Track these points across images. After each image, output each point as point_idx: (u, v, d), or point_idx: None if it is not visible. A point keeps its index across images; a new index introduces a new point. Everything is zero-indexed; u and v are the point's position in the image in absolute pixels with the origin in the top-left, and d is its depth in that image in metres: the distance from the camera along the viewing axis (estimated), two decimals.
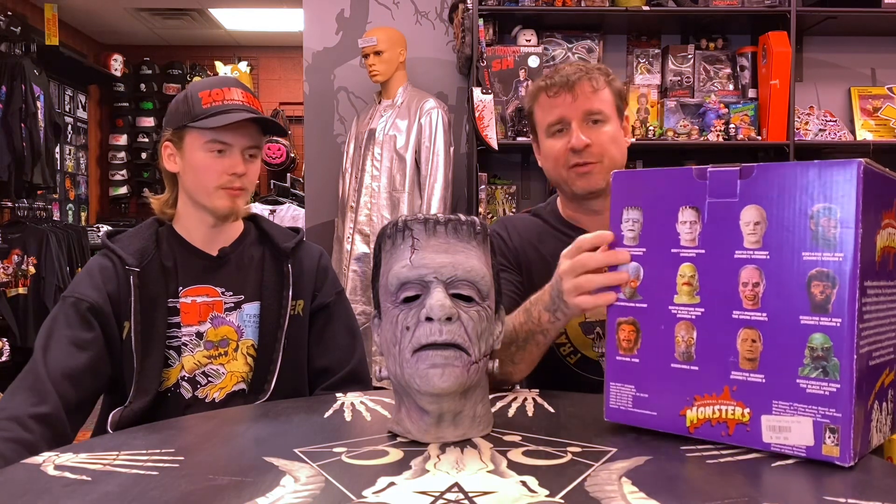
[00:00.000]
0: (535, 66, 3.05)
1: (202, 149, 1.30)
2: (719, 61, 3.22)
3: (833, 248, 0.77)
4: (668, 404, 0.89)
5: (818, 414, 0.79)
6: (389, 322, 0.88)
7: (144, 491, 0.73)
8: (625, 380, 0.92)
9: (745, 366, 0.83)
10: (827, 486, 0.75)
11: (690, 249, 0.87)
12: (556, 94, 1.34)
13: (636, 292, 0.92)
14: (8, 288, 4.38)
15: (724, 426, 0.85)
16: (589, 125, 1.34)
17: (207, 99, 1.30)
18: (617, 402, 0.93)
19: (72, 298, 1.26)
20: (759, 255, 0.82)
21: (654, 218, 0.90)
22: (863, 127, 3.18)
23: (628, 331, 0.92)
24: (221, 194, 1.31)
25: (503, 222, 1.49)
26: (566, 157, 1.34)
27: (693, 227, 0.87)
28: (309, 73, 3.36)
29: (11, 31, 4.71)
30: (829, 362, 0.78)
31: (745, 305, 0.83)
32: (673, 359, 0.88)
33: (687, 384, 0.87)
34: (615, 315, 0.94)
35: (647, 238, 0.91)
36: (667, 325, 0.89)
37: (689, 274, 0.87)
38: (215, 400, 1.31)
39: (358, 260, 2.95)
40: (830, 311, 0.78)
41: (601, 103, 1.34)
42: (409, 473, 0.77)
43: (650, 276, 0.91)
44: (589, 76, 1.34)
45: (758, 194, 0.83)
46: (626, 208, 0.93)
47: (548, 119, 1.36)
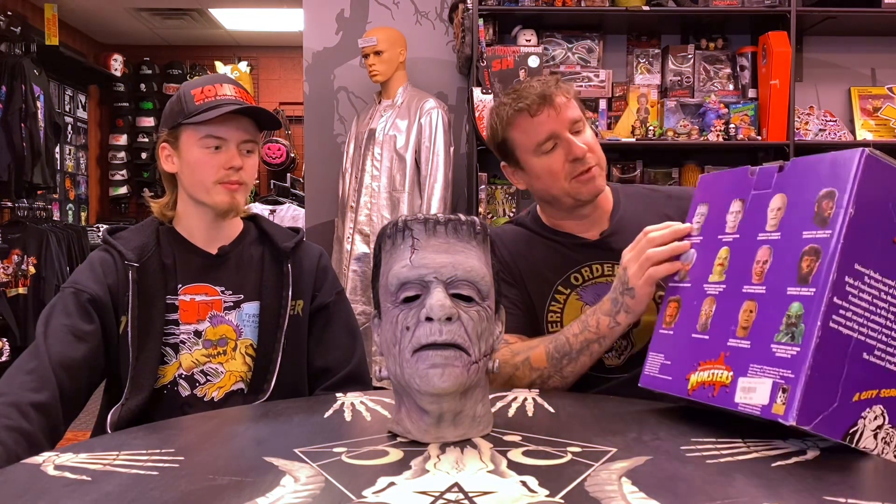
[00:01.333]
0: (535, 66, 3.05)
1: (197, 145, 1.30)
2: (719, 61, 3.22)
3: (826, 226, 0.83)
4: (680, 370, 0.98)
5: (778, 375, 0.84)
6: (389, 322, 0.88)
7: (144, 491, 0.73)
8: (660, 349, 1.03)
9: (740, 333, 0.90)
10: (827, 486, 0.75)
11: (730, 235, 0.98)
12: (538, 111, 1.32)
13: (687, 274, 1.04)
14: (8, 288, 4.38)
15: (712, 388, 0.92)
16: (574, 134, 1.33)
17: (200, 96, 1.30)
18: (650, 370, 1.04)
19: (72, 289, 1.26)
20: (774, 237, 0.91)
21: (715, 211, 1.03)
22: (863, 127, 3.18)
23: (673, 307, 1.04)
24: (220, 189, 1.31)
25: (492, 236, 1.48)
26: (566, 169, 1.33)
27: (737, 216, 0.98)
28: (309, 73, 3.36)
29: (11, 31, 4.71)
30: (797, 328, 0.83)
31: (753, 280, 0.91)
32: (694, 329, 0.98)
33: (697, 351, 0.96)
34: (669, 294, 1.06)
35: (705, 228, 1.04)
36: (699, 301, 0.99)
37: (724, 256, 0.98)
38: (214, 399, 1.31)
39: (358, 260, 2.95)
40: (810, 283, 0.83)
41: (575, 110, 1.35)
42: (409, 473, 0.77)
43: (699, 260, 1.03)
44: (557, 87, 1.34)
45: (786, 184, 0.92)
46: (699, 204, 1.07)
47: (535, 139, 1.33)
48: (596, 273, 1.38)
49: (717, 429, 0.94)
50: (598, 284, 1.37)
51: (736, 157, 3.23)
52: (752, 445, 0.86)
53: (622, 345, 1.34)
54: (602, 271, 1.37)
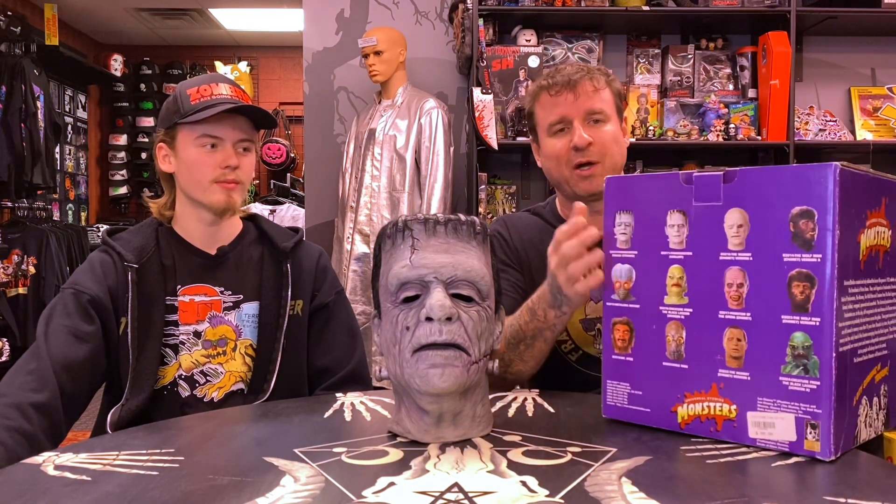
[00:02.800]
0: (535, 66, 3.05)
1: (194, 144, 1.30)
2: (719, 61, 3.22)
3: (811, 249, 0.80)
4: (660, 401, 0.92)
5: (800, 410, 0.82)
6: (389, 322, 0.88)
7: (144, 491, 0.73)
8: (620, 378, 0.96)
9: (732, 364, 0.86)
10: (827, 486, 0.75)
11: (678, 252, 0.90)
12: (558, 93, 1.34)
13: (629, 293, 0.95)
14: (8, 288, 4.38)
15: (713, 422, 0.88)
16: (590, 124, 1.34)
17: (195, 95, 1.30)
18: (613, 399, 0.97)
19: (72, 290, 1.26)
20: (743, 257, 0.85)
21: (645, 222, 0.94)
22: (863, 127, 3.18)
23: (623, 330, 0.96)
24: (216, 189, 1.31)
25: (503, 221, 1.49)
26: (568, 155, 1.34)
27: (681, 230, 0.90)
28: (309, 73, 3.36)
29: (11, 31, 4.71)
30: (809, 360, 0.80)
31: (730, 305, 0.86)
32: (664, 357, 0.92)
33: (678, 382, 0.91)
34: (610, 315, 0.97)
35: (638, 241, 0.95)
36: (658, 325, 0.92)
37: (677, 275, 0.90)
38: (214, 399, 1.31)
39: (358, 260, 2.95)
40: (810, 311, 0.80)
41: (602, 103, 1.35)
42: (409, 473, 0.77)
43: (642, 277, 0.94)
44: (590, 76, 1.35)
45: (740, 197, 0.86)
46: (618, 212, 0.97)
47: (549, 118, 1.37)
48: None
49: None
50: None
51: (736, 157, 3.23)
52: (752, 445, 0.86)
53: None
54: None
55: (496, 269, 0.96)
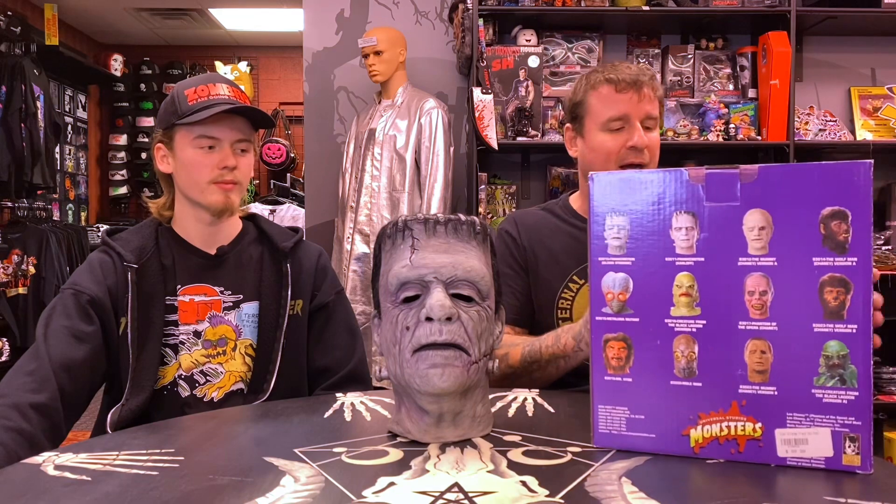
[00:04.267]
0: (535, 66, 3.05)
1: (191, 145, 1.30)
2: (719, 61, 3.22)
3: (845, 252, 0.76)
4: (668, 425, 0.84)
5: (836, 423, 0.77)
6: (389, 322, 0.88)
7: (144, 491, 0.73)
8: (616, 402, 0.86)
9: (755, 378, 0.80)
10: (827, 487, 0.75)
11: (688, 258, 0.82)
12: (624, 90, 1.36)
13: (626, 306, 0.85)
14: (8, 288, 4.38)
15: (734, 443, 0.81)
16: (645, 128, 1.37)
17: (193, 96, 1.30)
18: (608, 426, 0.87)
19: (71, 290, 1.26)
20: (766, 262, 0.79)
21: (643, 225, 0.84)
22: (863, 127, 3.18)
23: (618, 348, 0.86)
24: (214, 189, 1.31)
25: (513, 219, 1.50)
26: (620, 154, 1.36)
27: (690, 233, 0.82)
28: (309, 73, 3.36)
29: (11, 31, 4.71)
30: (845, 370, 0.77)
31: (751, 315, 0.80)
32: (672, 375, 0.83)
33: (690, 402, 0.82)
34: (602, 331, 0.86)
35: (635, 246, 0.85)
36: (663, 340, 0.83)
37: (687, 284, 0.82)
38: (214, 399, 1.31)
39: (358, 260, 2.95)
40: (845, 318, 0.76)
41: (656, 110, 1.39)
42: (409, 473, 0.77)
43: (641, 287, 0.84)
44: (651, 81, 1.38)
45: (761, 197, 0.79)
46: (609, 215, 0.86)
47: (609, 112, 1.37)
48: None
49: None
50: None
51: (736, 157, 3.23)
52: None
53: None
54: None
55: (496, 269, 0.96)
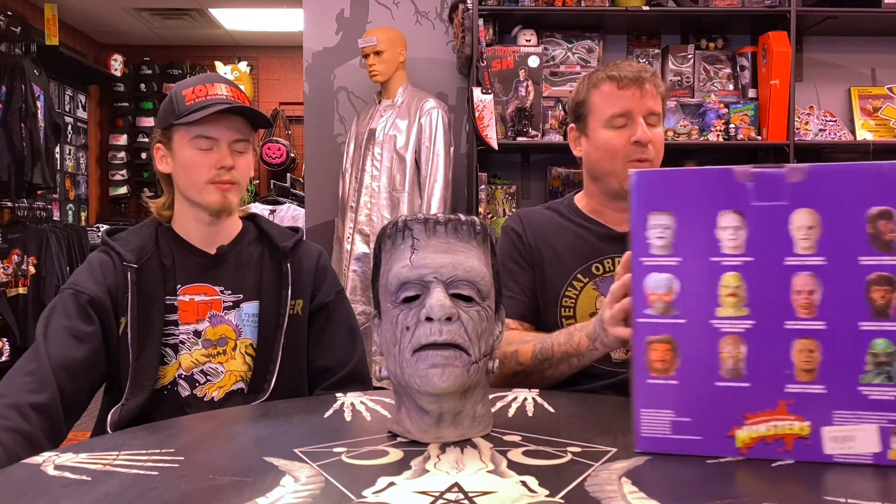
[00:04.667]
0: (535, 66, 3.05)
1: (189, 145, 1.30)
2: (719, 61, 3.22)
3: (892, 251, 0.77)
4: (714, 426, 0.82)
5: (884, 419, 0.78)
6: (389, 322, 0.88)
7: (144, 491, 0.73)
8: (660, 405, 0.84)
9: (803, 377, 0.80)
10: (827, 486, 0.75)
11: (735, 258, 0.81)
12: (626, 87, 1.37)
13: (671, 307, 0.83)
14: (8, 288, 4.38)
15: (781, 443, 0.81)
16: (648, 124, 1.37)
17: (191, 96, 1.30)
18: (651, 430, 0.84)
19: (71, 290, 1.26)
20: (814, 261, 0.79)
21: (689, 223, 0.82)
22: (863, 127, 3.18)
23: (663, 350, 0.83)
24: (211, 189, 1.31)
25: (518, 217, 1.50)
26: (626, 150, 1.37)
27: (737, 232, 0.80)
28: (309, 73, 3.36)
29: (11, 31, 4.70)
30: (892, 367, 0.78)
31: (799, 314, 0.79)
32: (718, 376, 0.82)
33: (736, 402, 0.82)
34: (645, 333, 0.84)
35: (681, 246, 0.82)
36: (709, 341, 0.82)
37: (734, 284, 0.81)
38: (214, 399, 1.31)
39: (358, 260, 2.95)
40: (891, 316, 0.77)
41: (658, 106, 1.39)
42: (409, 473, 0.77)
43: (687, 288, 0.82)
44: (653, 78, 1.39)
45: (810, 197, 0.79)
46: (652, 213, 0.83)
47: (612, 109, 1.38)
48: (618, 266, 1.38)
49: None
50: None
51: (736, 157, 3.23)
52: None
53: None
54: None
55: (496, 269, 0.96)
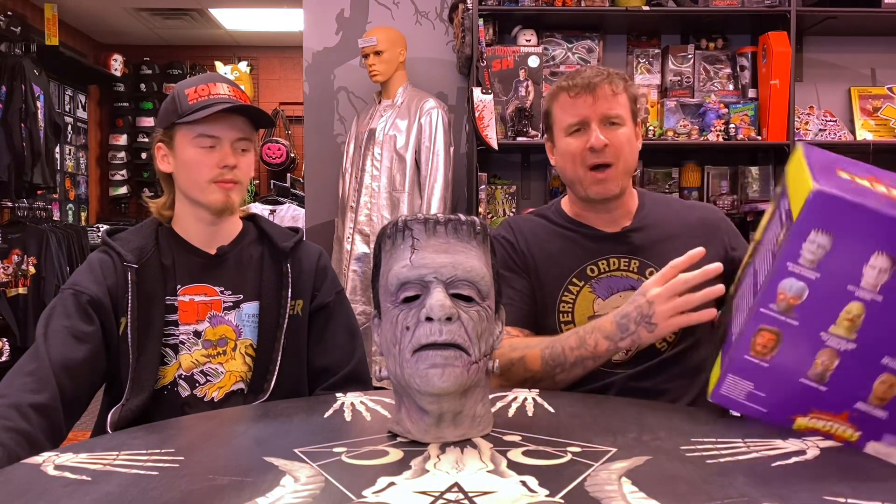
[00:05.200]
0: (535, 66, 3.05)
1: (191, 144, 1.30)
2: (719, 61, 3.22)
3: None
4: (782, 408, 0.94)
5: None
6: (389, 322, 0.88)
7: (144, 491, 0.73)
8: (746, 376, 0.96)
9: (874, 402, 0.90)
10: (827, 486, 0.75)
11: (868, 293, 0.87)
12: (578, 95, 1.38)
13: (793, 309, 0.91)
14: (8, 288, 4.38)
15: (829, 438, 0.92)
16: (606, 126, 1.37)
17: (193, 95, 1.30)
18: (730, 391, 0.98)
19: (71, 290, 1.26)
20: None
21: (844, 251, 0.87)
22: (863, 127, 3.18)
23: (768, 338, 0.93)
24: (214, 189, 1.31)
25: (508, 225, 1.51)
26: (583, 156, 1.37)
27: (881, 275, 0.86)
28: (309, 73, 3.36)
29: (11, 31, 4.70)
30: None
31: None
32: (805, 375, 0.92)
33: (809, 399, 0.92)
34: (760, 321, 0.93)
35: (826, 266, 0.88)
36: (811, 347, 0.91)
37: (855, 312, 0.88)
38: (214, 399, 1.31)
39: (358, 260, 2.95)
40: None
41: (619, 107, 1.38)
42: (409, 473, 0.77)
43: (814, 301, 0.90)
44: (609, 80, 1.38)
45: None
46: (815, 230, 0.88)
47: (567, 119, 1.40)
48: (612, 266, 1.40)
49: (717, 429, 0.94)
50: (613, 278, 1.39)
51: (736, 157, 3.23)
52: (752, 445, 0.86)
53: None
54: (618, 265, 1.40)
55: (496, 269, 0.96)
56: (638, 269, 1.39)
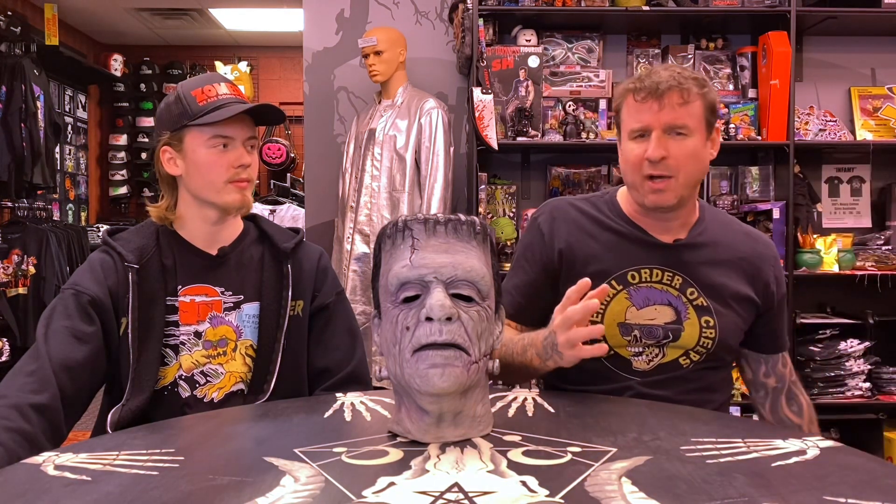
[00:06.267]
0: (535, 66, 3.05)
1: (205, 145, 1.30)
2: (719, 61, 3.22)
3: None
4: None
5: None
6: (389, 322, 0.88)
7: (144, 491, 0.73)
8: None
9: None
10: (827, 486, 0.75)
11: None
12: (644, 99, 1.30)
13: None
14: (8, 288, 4.38)
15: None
16: (671, 136, 1.30)
17: (202, 96, 1.30)
18: None
19: (72, 291, 1.26)
20: None
21: None
22: (863, 127, 3.18)
23: None
24: (230, 189, 1.31)
25: (552, 213, 1.45)
26: (642, 164, 1.31)
27: None
28: (309, 73, 3.36)
29: (11, 31, 4.70)
30: None
31: None
32: None
33: None
34: None
35: None
36: None
37: None
38: (214, 400, 1.31)
39: (358, 260, 2.95)
40: None
41: (688, 117, 1.30)
42: (409, 473, 0.77)
43: None
44: (680, 87, 1.29)
45: None
46: None
47: (632, 123, 1.33)
48: (655, 277, 1.36)
49: (717, 429, 0.94)
50: (653, 289, 1.36)
51: (736, 157, 3.23)
52: (752, 445, 0.86)
53: (653, 353, 1.35)
54: (661, 278, 1.36)
55: (496, 268, 0.96)
56: (680, 286, 1.35)
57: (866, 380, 2.90)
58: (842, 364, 2.90)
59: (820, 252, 2.94)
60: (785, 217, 2.92)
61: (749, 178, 3.15)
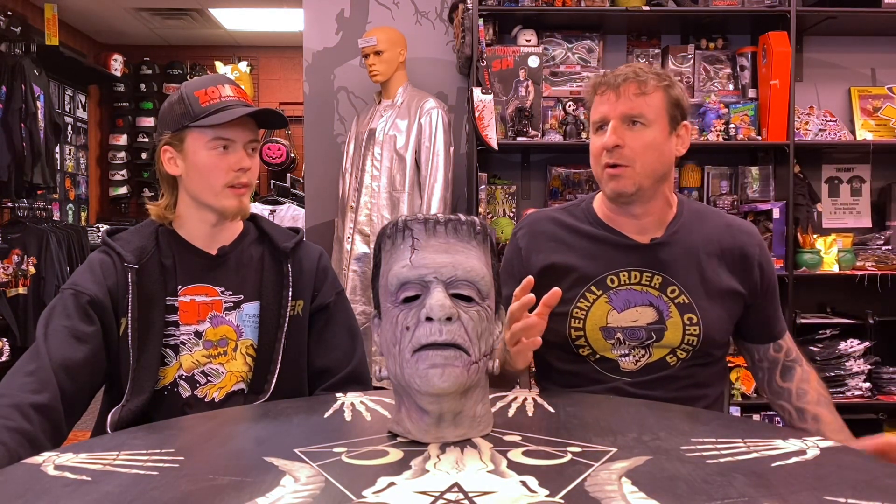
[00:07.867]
0: (535, 66, 3.05)
1: (206, 147, 1.30)
2: (719, 61, 3.22)
3: None
4: None
5: None
6: (389, 322, 0.88)
7: (144, 491, 0.73)
8: None
9: None
10: (827, 486, 0.75)
11: None
12: (603, 92, 1.36)
13: None
14: (8, 288, 4.38)
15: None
16: (628, 126, 1.33)
17: (204, 98, 1.30)
18: None
19: (72, 291, 1.26)
20: None
21: None
22: (863, 127, 3.18)
23: None
24: (228, 193, 1.31)
25: (529, 228, 1.46)
26: (601, 155, 1.35)
27: None
28: (309, 73, 3.36)
29: (11, 31, 4.70)
30: None
31: None
32: None
33: None
34: None
35: None
36: None
37: None
38: (214, 400, 1.31)
39: (358, 260, 2.95)
40: None
41: (645, 106, 1.32)
42: (409, 473, 0.77)
43: None
44: (637, 79, 1.33)
45: None
46: None
47: (594, 116, 1.38)
48: (633, 279, 1.36)
49: (717, 429, 0.94)
50: (632, 291, 1.36)
51: (736, 157, 3.23)
52: (752, 445, 0.86)
53: (639, 353, 1.35)
54: (640, 279, 1.36)
55: (496, 268, 0.96)
56: (660, 285, 1.35)
57: (866, 380, 2.90)
58: (842, 364, 2.90)
59: (820, 252, 2.94)
60: (785, 217, 2.92)
61: (749, 178, 3.15)
